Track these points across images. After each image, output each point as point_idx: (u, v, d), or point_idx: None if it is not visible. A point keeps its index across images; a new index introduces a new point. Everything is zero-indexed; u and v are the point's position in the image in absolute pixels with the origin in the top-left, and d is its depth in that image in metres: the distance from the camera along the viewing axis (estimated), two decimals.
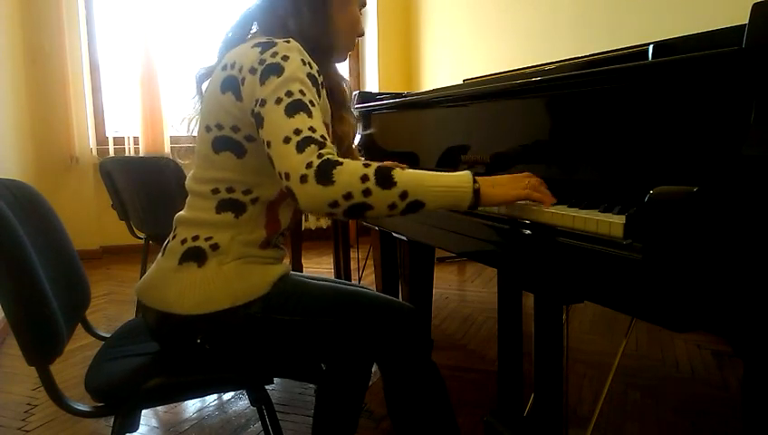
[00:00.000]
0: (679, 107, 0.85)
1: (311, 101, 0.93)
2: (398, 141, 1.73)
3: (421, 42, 4.61)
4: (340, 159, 0.88)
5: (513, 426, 1.39)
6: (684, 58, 0.83)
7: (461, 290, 3.21)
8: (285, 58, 0.95)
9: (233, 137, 1.00)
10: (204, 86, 1.10)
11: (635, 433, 1.62)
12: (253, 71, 0.96)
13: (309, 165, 0.86)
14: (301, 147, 0.88)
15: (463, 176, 0.93)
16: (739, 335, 0.71)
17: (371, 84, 4.81)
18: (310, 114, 0.92)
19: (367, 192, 0.87)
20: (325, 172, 0.86)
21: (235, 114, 0.99)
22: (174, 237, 1.05)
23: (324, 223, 4.61)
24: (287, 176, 0.88)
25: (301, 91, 0.93)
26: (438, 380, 1.09)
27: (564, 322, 1.26)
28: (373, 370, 1.11)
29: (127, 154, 4.07)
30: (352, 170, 0.87)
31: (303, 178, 0.86)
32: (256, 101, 0.94)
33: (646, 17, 2.46)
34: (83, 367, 1.08)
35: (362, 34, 1.16)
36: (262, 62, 0.95)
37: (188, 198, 1.08)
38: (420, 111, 1.58)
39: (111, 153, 4.05)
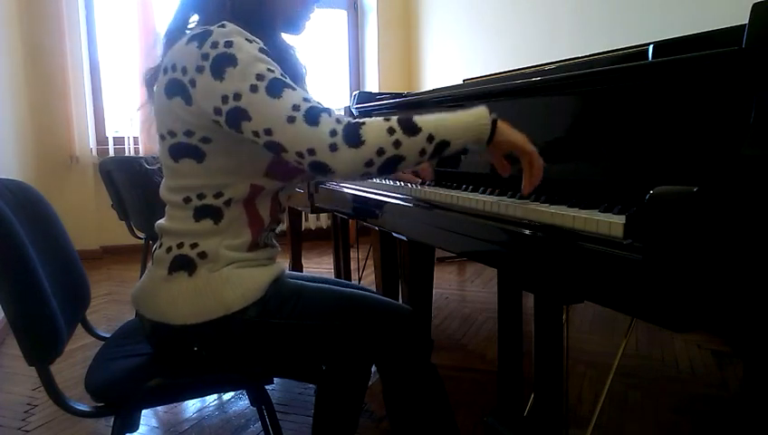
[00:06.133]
0: (679, 107, 0.85)
1: (282, 75, 0.90)
2: None
3: (421, 42, 4.61)
4: (360, 119, 0.89)
5: (513, 426, 1.39)
6: (684, 58, 0.83)
7: (461, 290, 3.21)
8: (229, 44, 0.89)
9: (188, 142, 0.96)
10: (155, 87, 1.02)
11: (635, 433, 1.62)
12: (200, 69, 0.90)
13: (333, 132, 0.86)
14: (311, 120, 0.87)
15: (479, 110, 0.94)
16: (739, 335, 0.71)
17: (371, 84, 4.81)
18: (293, 87, 0.89)
19: (397, 143, 0.88)
20: (353, 135, 0.86)
21: (185, 119, 0.94)
22: (160, 245, 1.03)
23: (324, 223, 4.61)
24: (312, 151, 0.86)
25: (269, 70, 0.89)
26: (438, 382, 1.09)
27: (564, 322, 1.26)
28: (373, 369, 1.11)
29: (127, 154, 4.07)
30: (378, 126, 0.88)
31: (333, 147, 0.86)
32: (224, 97, 0.88)
33: (646, 17, 2.46)
34: (83, 367, 1.08)
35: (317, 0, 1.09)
36: (205, 57, 0.89)
37: (166, 206, 1.05)
38: (420, 111, 1.57)
39: (111, 153, 4.06)
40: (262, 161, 1.00)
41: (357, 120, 0.89)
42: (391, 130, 0.88)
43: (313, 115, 0.87)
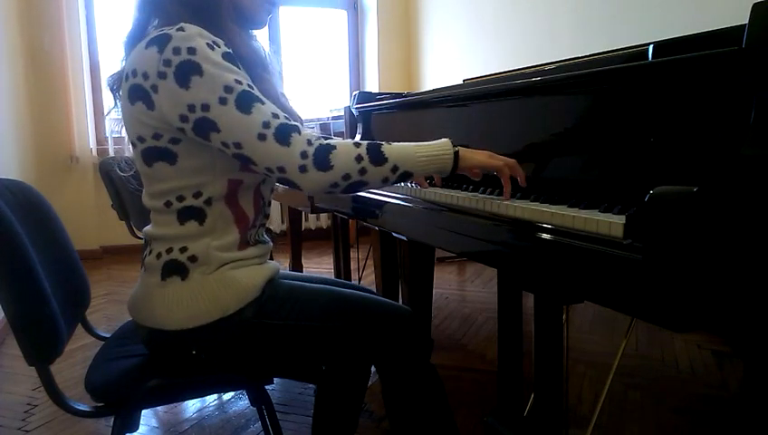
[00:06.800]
0: (679, 107, 0.85)
1: (249, 86, 0.92)
2: (398, 141, 1.73)
3: (421, 42, 4.61)
4: (331, 142, 0.93)
5: (513, 426, 1.39)
6: (684, 58, 0.83)
7: (461, 290, 3.21)
8: (192, 51, 0.89)
9: (158, 145, 0.95)
10: (120, 94, 1.01)
11: (635, 433, 1.62)
12: (162, 75, 0.89)
13: (303, 154, 0.90)
14: (281, 138, 0.90)
15: (443, 143, 1.02)
16: (739, 335, 0.71)
17: (371, 84, 4.81)
18: (262, 101, 0.92)
19: (363, 171, 0.94)
20: (322, 159, 0.91)
21: (149, 123, 0.94)
22: (150, 252, 1.02)
23: (324, 223, 4.61)
24: (282, 169, 0.91)
25: (237, 81, 0.90)
26: (437, 382, 1.09)
27: (564, 322, 1.26)
28: (373, 369, 1.11)
29: (127, 154, 4.06)
30: (347, 152, 0.93)
31: (303, 168, 0.91)
32: (191, 106, 0.89)
33: (646, 17, 2.46)
34: (83, 367, 1.08)
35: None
36: (167, 63, 0.89)
37: (150, 212, 1.04)
38: (420, 110, 1.58)
39: (111, 153, 4.05)
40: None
41: (328, 142, 0.93)
42: (359, 158, 0.94)
43: (284, 134, 0.90)
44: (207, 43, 0.91)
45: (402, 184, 1.36)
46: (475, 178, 1.09)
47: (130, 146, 1.01)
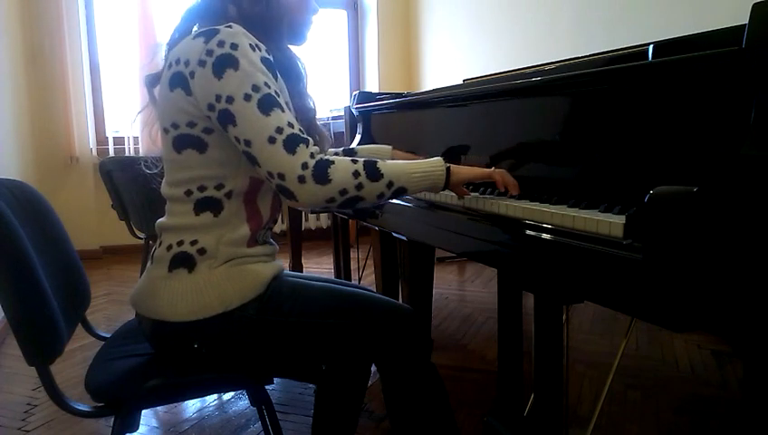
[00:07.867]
0: (679, 107, 0.85)
1: (276, 92, 0.95)
2: (398, 141, 1.73)
3: (421, 42, 4.61)
4: (331, 158, 0.95)
5: (513, 426, 1.39)
6: (684, 58, 0.83)
7: (461, 290, 3.21)
8: (234, 46, 0.93)
9: (191, 133, 0.98)
10: (156, 91, 1.07)
11: (635, 433, 1.62)
12: (201, 63, 0.93)
13: (304, 166, 0.92)
14: (289, 146, 0.92)
15: (435, 160, 1.05)
16: (739, 335, 0.71)
17: (371, 84, 4.81)
18: (282, 109, 0.95)
19: (359, 186, 0.96)
20: (321, 173, 0.93)
21: (187, 110, 0.97)
22: (160, 244, 1.04)
23: (324, 223, 4.61)
24: (281, 176, 0.92)
25: (266, 84, 0.94)
26: (437, 381, 1.09)
27: (564, 322, 1.26)
28: (373, 369, 1.11)
29: (127, 154, 4.07)
30: (345, 168, 0.95)
31: (301, 179, 0.92)
32: (218, 96, 0.93)
33: (646, 17, 2.46)
34: (83, 367, 1.08)
35: (316, 10, 1.14)
36: (209, 52, 0.93)
37: (167, 204, 1.06)
38: (420, 111, 1.58)
39: (111, 153, 4.06)
40: None
41: (328, 157, 0.95)
42: (356, 174, 0.96)
43: (292, 143, 0.92)
44: (250, 44, 0.95)
45: None
46: (458, 194, 1.11)
47: (161, 133, 1.03)
